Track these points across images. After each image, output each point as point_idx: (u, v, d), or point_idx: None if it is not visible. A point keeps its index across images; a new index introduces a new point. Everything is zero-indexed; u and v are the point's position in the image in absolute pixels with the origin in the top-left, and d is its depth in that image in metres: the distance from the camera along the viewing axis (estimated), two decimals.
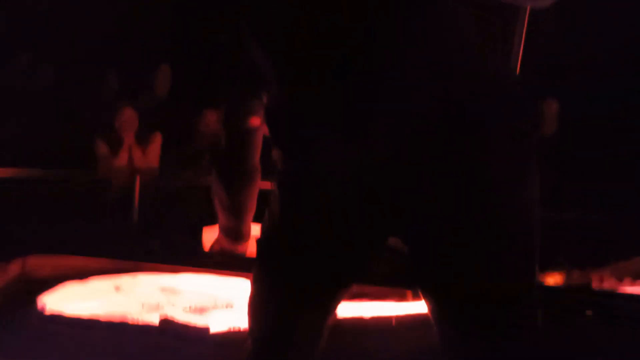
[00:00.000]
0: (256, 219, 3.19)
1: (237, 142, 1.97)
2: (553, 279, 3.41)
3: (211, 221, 3.83)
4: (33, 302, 2.64)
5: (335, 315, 1.58)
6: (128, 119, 4.95)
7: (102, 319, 2.40)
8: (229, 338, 2.29)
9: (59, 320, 2.34)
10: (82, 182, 4.68)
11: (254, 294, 1.57)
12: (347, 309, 2.79)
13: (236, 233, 2.13)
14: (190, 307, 2.86)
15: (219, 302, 2.86)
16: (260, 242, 1.61)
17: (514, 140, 1.40)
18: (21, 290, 2.80)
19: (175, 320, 2.30)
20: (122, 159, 4.95)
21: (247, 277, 2.89)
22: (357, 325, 2.30)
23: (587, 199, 4.06)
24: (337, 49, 1.39)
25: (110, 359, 2.19)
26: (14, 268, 2.88)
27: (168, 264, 2.96)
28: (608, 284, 3.33)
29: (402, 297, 2.88)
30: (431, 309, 1.48)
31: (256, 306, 1.56)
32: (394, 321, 2.34)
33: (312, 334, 1.53)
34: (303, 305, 1.50)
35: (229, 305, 2.80)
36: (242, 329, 2.36)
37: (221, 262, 2.85)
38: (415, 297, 2.91)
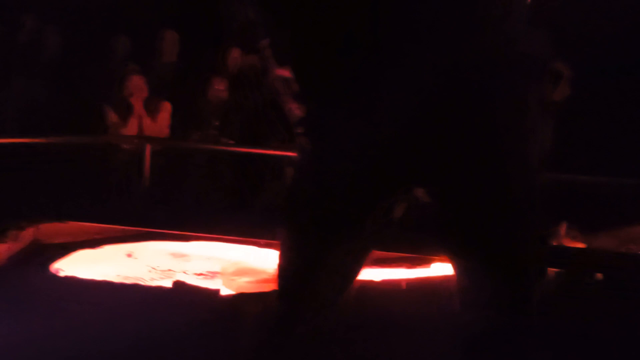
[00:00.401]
0: None
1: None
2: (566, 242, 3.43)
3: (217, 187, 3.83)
4: (47, 267, 2.68)
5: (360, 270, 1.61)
6: (136, 85, 4.91)
7: (115, 283, 2.44)
8: (239, 300, 2.32)
9: (72, 284, 2.38)
10: (93, 150, 4.67)
11: (285, 245, 1.60)
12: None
13: None
14: (200, 272, 2.90)
15: (228, 267, 2.89)
16: (288, 198, 1.65)
17: (519, 111, 1.44)
18: (35, 256, 2.84)
19: (187, 284, 2.34)
20: (131, 127, 4.93)
21: (254, 243, 2.94)
22: (368, 288, 2.33)
23: (597, 162, 4.08)
24: (343, 26, 1.41)
25: (124, 321, 2.22)
26: (28, 234, 2.92)
27: (178, 231, 2.99)
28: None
29: (413, 264, 2.92)
30: (455, 261, 1.52)
31: (288, 259, 1.60)
32: (404, 285, 2.37)
33: (339, 278, 1.58)
34: (330, 251, 1.55)
35: (237, 271, 2.83)
36: (250, 292, 2.40)
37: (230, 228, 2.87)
38: (425, 263, 2.94)
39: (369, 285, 2.38)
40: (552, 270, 2.54)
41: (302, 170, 1.60)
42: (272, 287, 2.46)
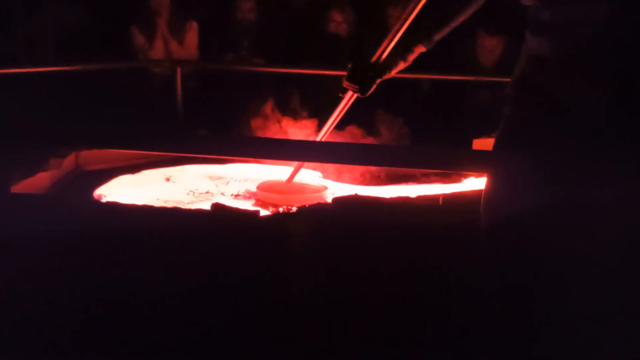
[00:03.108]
0: None
1: None
2: None
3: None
4: (90, 192, 2.74)
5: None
6: (160, 2, 4.74)
7: (156, 206, 2.48)
8: (277, 221, 2.35)
9: (114, 209, 2.43)
10: (127, 75, 4.66)
11: None
12: (393, 191, 2.84)
13: None
14: (238, 193, 2.94)
15: (265, 187, 2.92)
16: None
17: None
18: (78, 183, 2.90)
19: (226, 206, 2.37)
20: (158, 50, 4.86)
21: (290, 164, 2.95)
22: (407, 204, 2.34)
23: None
24: None
25: (165, 243, 2.28)
26: (69, 162, 2.97)
27: (215, 154, 3.01)
28: None
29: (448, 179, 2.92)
30: None
31: None
32: (441, 200, 2.38)
33: None
34: None
35: (275, 191, 2.86)
36: (289, 211, 2.43)
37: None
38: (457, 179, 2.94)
39: (407, 201, 2.40)
40: None
41: None
42: (309, 204, 2.50)
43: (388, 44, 2.18)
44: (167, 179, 3.07)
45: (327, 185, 2.93)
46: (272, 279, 2.24)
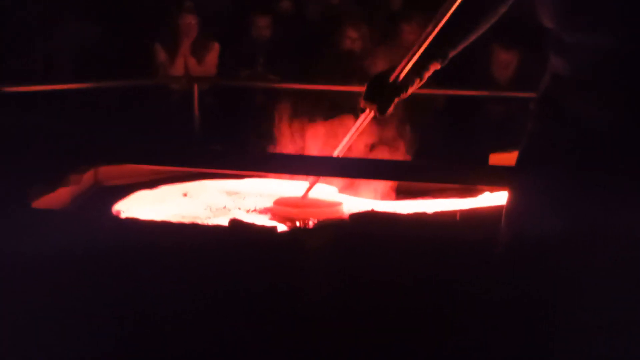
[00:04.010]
0: None
1: None
2: None
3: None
4: (108, 209, 2.76)
5: None
6: (188, 24, 4.84)
7: (174, 222, 2.50)
8: (294, 236, 2.36)
9: (133, 225, 2.45)
10: (145, 91, 4.70)
11: None
12: (410, 206, 2.84)
13: None
14: (255, 209, 2.95)
15: (283, 202, 2.93)
16: None
17: None
18: (96, 199, 2.92)
19: (243, 221, 2.38)
20: (178, 67, 4.94)
21: (307, 180, 2.96)
22: (421, 220, 2.34)
23: None
24: None
25: (183, 259, 2.29)
26: (88, 178, 3.00)
27: (232, 169, 3.03)
28: None
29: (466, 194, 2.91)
30: None
31: None
32: (458, 215, 2.37)
33: None
34: None
35: (293, 206, 2.87)
36: (307, 227, 2.44)
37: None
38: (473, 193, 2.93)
39: (424, 217, 2.39)
40: None
41: None
42: (326, 220, 2.51)
43: (406, 64, 2.15)
44: (185, 195, 3.08)
45: (342, 200, 2.94)
46: (290, 293, 2.25)
